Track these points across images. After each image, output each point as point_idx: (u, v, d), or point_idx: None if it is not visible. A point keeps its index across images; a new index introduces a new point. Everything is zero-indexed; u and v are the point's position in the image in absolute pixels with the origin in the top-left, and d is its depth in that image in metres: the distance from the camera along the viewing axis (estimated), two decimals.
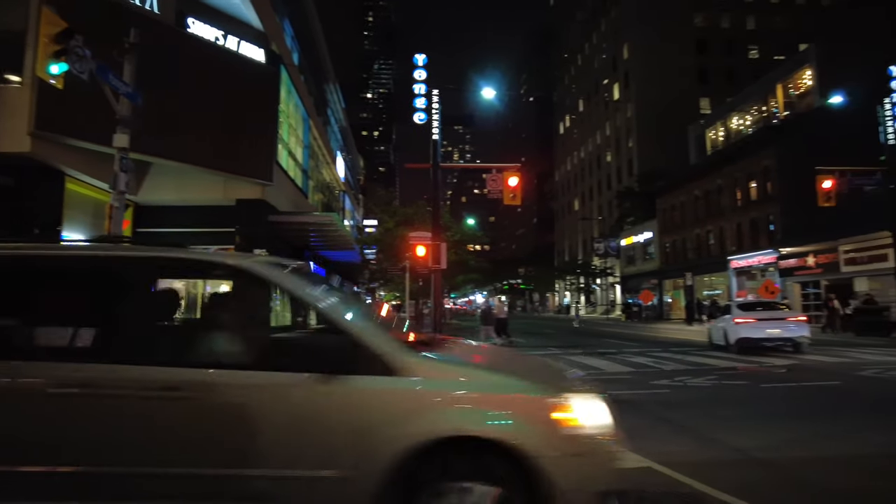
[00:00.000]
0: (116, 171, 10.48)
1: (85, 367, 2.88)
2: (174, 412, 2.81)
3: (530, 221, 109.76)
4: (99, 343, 3.03)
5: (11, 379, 2.85)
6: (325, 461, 2.74)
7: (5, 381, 2.85)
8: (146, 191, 20.31)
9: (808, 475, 4.80)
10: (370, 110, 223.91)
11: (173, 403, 2.80)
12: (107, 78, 9.87)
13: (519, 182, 18.99)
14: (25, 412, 2.81)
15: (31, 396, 2.82)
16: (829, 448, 5.69)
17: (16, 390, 2.84)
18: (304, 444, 2.77)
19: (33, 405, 2.81)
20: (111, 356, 2.92)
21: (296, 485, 2.75)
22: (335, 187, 43.18)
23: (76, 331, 3.12)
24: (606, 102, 66.18)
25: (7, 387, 2.84)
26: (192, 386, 2.82)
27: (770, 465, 5.06)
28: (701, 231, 41.62)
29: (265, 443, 2.77)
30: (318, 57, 37.63)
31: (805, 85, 39.78)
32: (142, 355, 2.95)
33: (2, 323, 3.10)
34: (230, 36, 20.52)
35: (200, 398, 2.81)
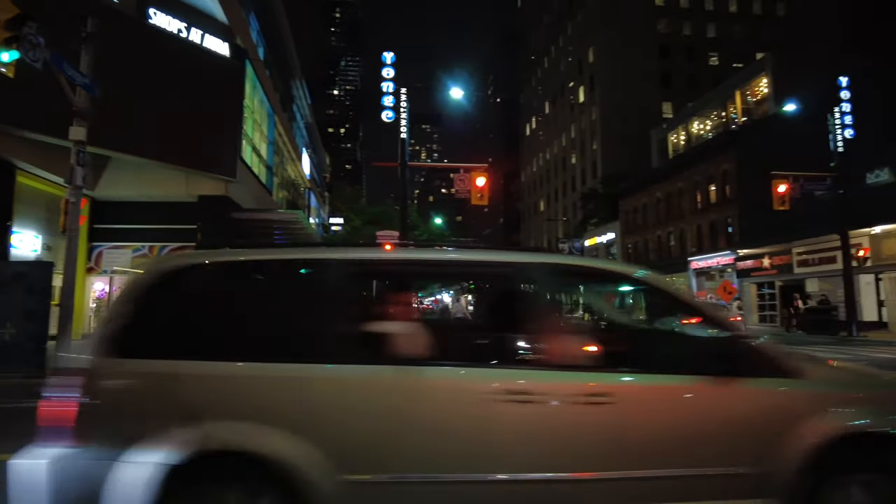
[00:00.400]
0: (73, 165, 10.13)
1: (521, 372, 2.92)
2: (595, 417, 2.82)
3: (497, 221, 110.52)
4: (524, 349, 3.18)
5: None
6: (727, 459, 2.84)
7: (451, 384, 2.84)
8: (104, 186, 19.68)
9: None
10: (337, 107, 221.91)
11: (595, 409, 2.81)
12: (62, 67, 9.51)
13: (486, 182, 19.12)
14: (473, 420, 2.77)
15: (478, 402, 2.78)
16: None
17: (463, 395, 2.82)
18: (707, 444, 2.86)
19: (482, 412, 2.77)
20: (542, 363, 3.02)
21: (699, 482, 2.84)
22: (300, 184, 42.62)
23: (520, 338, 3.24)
24: (572, 105, 67.11)
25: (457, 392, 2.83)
26: (613, 391, 2.86)
27: None
28: (662, 232, 42.62)
29: (673, 444, 2.85)
30: (285, 52, 37.08)
31: (762, 92, 41.18)
32: (567, 362, 3.01)
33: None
34: (194, 28, 20.04)
35: (620, 402, 2.85)
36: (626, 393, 2.91)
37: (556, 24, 73.53)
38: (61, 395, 2.68)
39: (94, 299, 21.25)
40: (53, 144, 15.18)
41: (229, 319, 3.00)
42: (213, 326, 2.97)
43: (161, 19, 19.18)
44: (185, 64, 19.27)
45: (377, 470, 2.66)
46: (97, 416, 2.65)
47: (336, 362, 2.78)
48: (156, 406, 2.71)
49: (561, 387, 2.82)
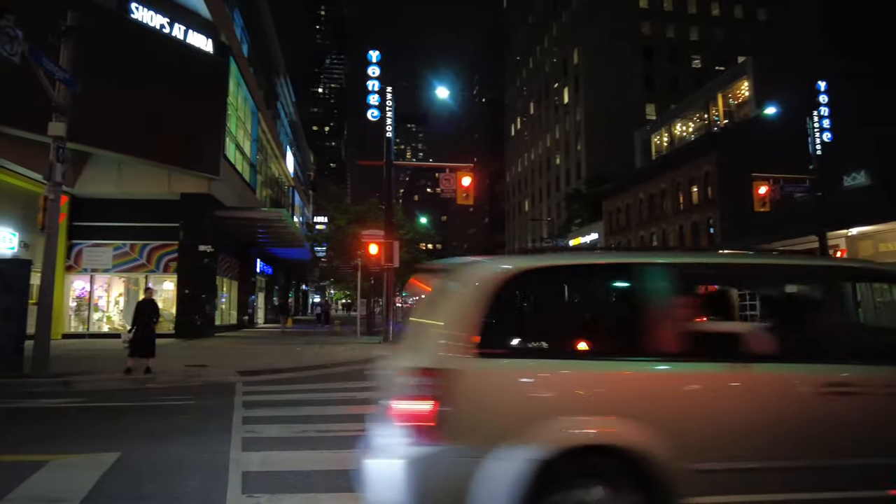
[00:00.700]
0: (52, 161, 9.94)
1: (842, 367, 3.10)
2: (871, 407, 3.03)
3: (482, 221, 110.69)
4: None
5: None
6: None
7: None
8: (84, 183, 19.40)
9: None
10: (321, 105, 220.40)
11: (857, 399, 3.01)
12: (40, 61, 9.34)
13: (472, 182, 19.11)
14: (794, 410, 2.95)
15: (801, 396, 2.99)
16: None
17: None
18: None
19: (808, 403, 2.97)
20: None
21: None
22: (284, 183, 42.32)
23: None
24: (556, 106, 67.43)
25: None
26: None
27: None
28: (645, 233, 43.01)
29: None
30: (269, 49, 36.78)
31: (743, 95, 41.75)
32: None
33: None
34: (177, 24, 19.80)
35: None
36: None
37: (541, 24, 73.81)
38: (419, 395, 2.71)
39: (74, 298, 20.91)
40: (32, 140, 14.90)
41: (577, 320, 3.21)
42: (562, 326, 3.15)
43: (143, 14, 18.91)
44: (168, 60, 19.04)
45: (721, 458, 2.82)
46: (457, 414, 2.69)
47: (677, 360, 2.96)
48: (516, 404, 2.78)
49: (877, 379, 3.07)
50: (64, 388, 9.44)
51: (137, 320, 10.72)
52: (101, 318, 21.30)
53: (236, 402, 8.19)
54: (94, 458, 5.09)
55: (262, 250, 33.29)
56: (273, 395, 8.92)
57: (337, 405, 8.08)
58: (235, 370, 11.34)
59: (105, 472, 4.65)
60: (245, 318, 29.98)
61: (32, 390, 9.21)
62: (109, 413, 7.69)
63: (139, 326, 10.60)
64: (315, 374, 11.76)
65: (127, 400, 8.60)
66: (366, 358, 14.25)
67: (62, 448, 5.51)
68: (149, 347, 10.56)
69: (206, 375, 10.93)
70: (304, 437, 6.02)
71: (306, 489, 4.31)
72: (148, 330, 10.61)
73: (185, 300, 20.30)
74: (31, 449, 5.51)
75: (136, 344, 10.49)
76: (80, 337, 19.89)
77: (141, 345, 10.49)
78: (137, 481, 4.54)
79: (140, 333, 10.54)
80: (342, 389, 9.54)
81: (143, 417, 7.32)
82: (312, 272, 54.55)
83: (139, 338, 10.50)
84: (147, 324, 10.64)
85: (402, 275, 30.32)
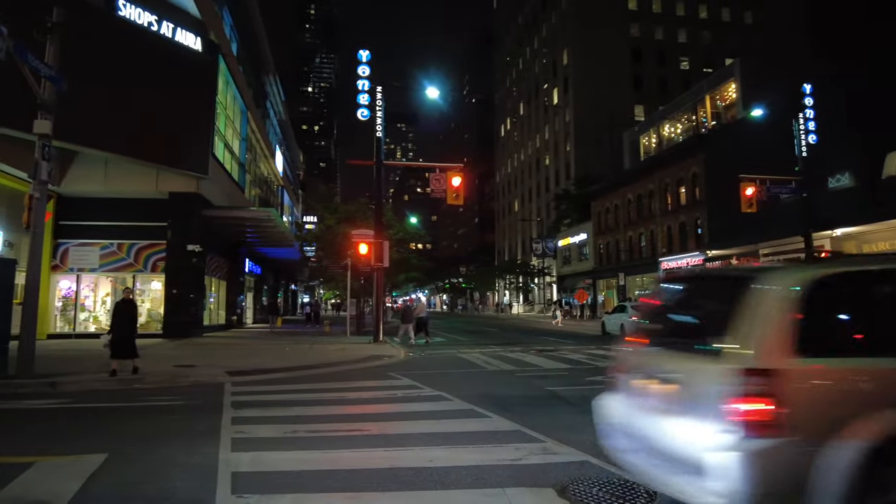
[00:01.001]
0: (38, 160, 9.83)
1: None
2: None
3: (472, 221, 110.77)
4: None
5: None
6: None
7: None
8: (70, 181, 19.19)
9: None
10: (310, 104, 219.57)
11: None
12: (25, 58, 9.24)
13: (462, 182, 19.15)
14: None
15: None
16: None
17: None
18: None
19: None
20: None
21: None
22: (273, 182, 42.11)
23: None
24: (546, 106, 67.67)
25: None
26: None
27: None
28: (633, 233, 43.28)
29: None
30: (258, 48, 36.57)
31: (730, 97, 42.12)
32: None
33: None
34: (165, 21, 19.64)
35: None
36: None
37: (530, 25, 74.03)
38: (755, 395, 2.97)
39: (59, 298, 20.68)
40: (16, 138, 14.72)
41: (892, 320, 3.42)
42: (881, 326, 3.35)
43: (130, 11, 18.74)
44: (156, 58, 18.88)
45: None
46: (791, 410, 2.95)
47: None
48: (846, 399, 3.03)
49: None
50: (50, 388, 9.34)
51: (115, 321, 10.62)
52: (88, 318, 21.08)
53: (225, 402, 8.15)
54: (81, 459, 5.05)
55: (251, 250, 33.10)
56: (263, 395, 8.89)
57: (327, 405, 8.07)
58: (224, 370, 11.28)
59: (92, 474, 4.61)
60: (234, 319, 29.80)
61: (17, 391, 9.10)
62: (96, 414, 7.62)
63: (118, 327, 10.48)
64: (305, 374, 11.72)
65: (114, 401, 8.53)
66: (356, 358, 14.24)
67: (49, 450, 5.46)
68: (129, 348, 10.43)
69: (195, 376, 10.86)
70: (294, 437, 6.01)
71: (296, 489, 4.30)
72: (127, 331, 10.48)
73: (174, 300, 20.13)
74: (17, 450, 5.45)
75: (117, 345, 10.37)
76: (66, 337, 19.66)
77: (121, 346, 10.37)
78: (125, 482, 4.51)
79: (119, 335, 10.41)
80: (332, 390, 9.53)
81: (130, 418, 7.26)
82: (302, 272, 54.30)
83: (118, 339, 10.37)
84: (126, 325, 10.51)
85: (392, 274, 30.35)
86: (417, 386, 9.72)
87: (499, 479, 4.51)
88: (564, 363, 13.40)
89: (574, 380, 10.50)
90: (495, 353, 15.78)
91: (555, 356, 15.05)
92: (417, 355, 15.74)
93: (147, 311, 20.86)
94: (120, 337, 10.38)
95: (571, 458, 5.11)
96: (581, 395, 8.68)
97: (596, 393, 9.18)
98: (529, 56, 74.52)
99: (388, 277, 24.49)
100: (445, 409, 7.59)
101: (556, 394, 8.94)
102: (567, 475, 4.59)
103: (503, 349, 17.29)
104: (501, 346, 18.39)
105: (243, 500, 4.04)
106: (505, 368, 12.41)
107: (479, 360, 14.19)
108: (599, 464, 4.88)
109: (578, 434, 5.93)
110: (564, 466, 4.87)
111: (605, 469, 4.75)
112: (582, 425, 6.55)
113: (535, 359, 14.36)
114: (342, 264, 25.50)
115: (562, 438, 5.78)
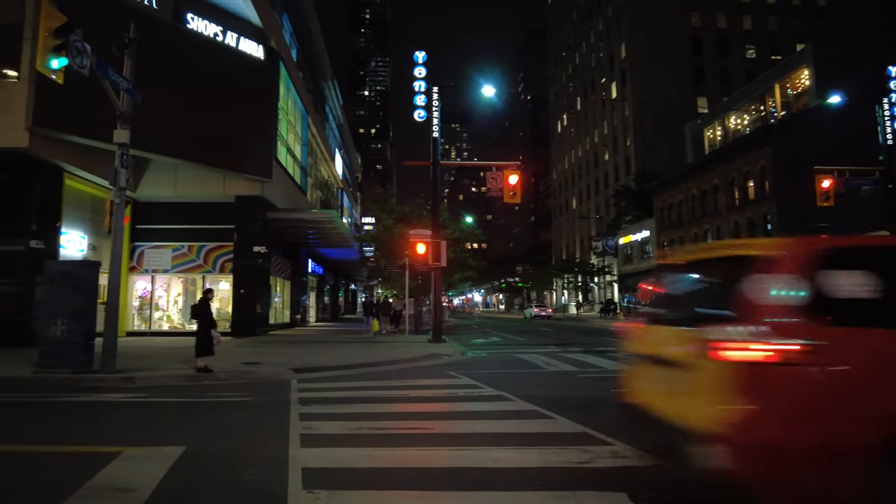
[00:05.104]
0: (117, 167, 10.39)
1: None
2: None
3: (527, 219, 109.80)
4: None
5: None
6: None
7: None
8: (144, 187, 20.24)
9: None
10: (367, 107, 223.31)
11: None
12: (106, 73, 9.79)
13: (518, 180, 18.97)
14: None
15: None
16: None
17: None
18: None
19: None
20: None
21: None
22: (333, 184, 43.07)
23: None
24: (604, 101, 66.23)
25: None
26: None
27: None
28: (698, 230, 41.72)
29: None
30: (316, 53, 37.49)
31: (802, 84, 39.91)
32: None
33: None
34: (229, 32, 20.43)
35: None
36: None
37: (585, 19, 72.65)
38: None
39: (136, 297, 21.88)
40: (95, 148, 15.67)
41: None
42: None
43: (198, 24, 19.60)
44: (221, 66, 19.68)
45: None
46: None
47: None
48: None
49: None
50: (128, 383, 9.86)
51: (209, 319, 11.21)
52: (162, 316, 22.21)
53: (292, 398, 8.36)
54: (161, 450, 5.28)
55: (312, 251, 34.00)
56: (327, 392, 9.07)
57: (389, 403, 8.15)
58: (289, 367, 11.60)
59: (172, 465, 4.81)
60: (297, 317, 30.70)
61: (100, 385, 9.67)
62: (172, 408, 7.98)
63: (199, 326, 11.04)
64: (366, 371, 11.89)
65: (186, 396, 8.91)
66: (415, 356, 14.36)
67: (132, 441, 5.75)
68: (205, 346, 10.93)
69: (261, 372, 11.22)
70: (359, 434, 6.08)
71: (364, 486, 4.35)
72: (204, 329, 11.01)
73: (240, 299, 20.91)
74: (105, 440, 5.78)
75: (198, 343, 10.92)
76: (142, 335, 20.79)
77: (200, 344, 10.91)
78: (202, 473, 4.69)
79: (198, 333, 10.97)
80: (394, 387, 9.62)
81: (203, 412, 7.56)
82: (360, 272, 55.33)
83: (200, 337, 10.92)
84: (203, 323, 11.05)
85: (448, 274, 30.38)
86: (478, 385, 9.68)
87: (567, 482, 4.41)
88: None
89: None
90: (554, 354, 15.54)
91: (618, 357, 14.65)
92: (476, 355, 15.72)
93: (216, 311, 21.76)
94: (199, 335, 10.94)
95: (643, 463, 4.93)
96: None
97: None
98: (585, 50, 73.14)
99: (444, 277, 24.54)
100: (507, 410, 7.51)
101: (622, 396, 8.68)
102: (639, 480, 4.44)
103: (561, 349, 17.01)
104: (559, 347, 18.09)
105: (313, 496, 4.11)
106: (565, 369, 12.19)
107: (538, 360, 14.01)
108: (674, 469, 4.69)
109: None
110: (636, 471, 4.71)
111: (680, 475, 4.56)
112: None
113: (596, 359, 14.05)
114: (399, 264, 25.79)
115: (631, 442, 5.59)
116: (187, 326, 22.16)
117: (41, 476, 4.64)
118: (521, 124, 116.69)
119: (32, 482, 4.48)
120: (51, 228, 16.32)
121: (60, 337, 10.19)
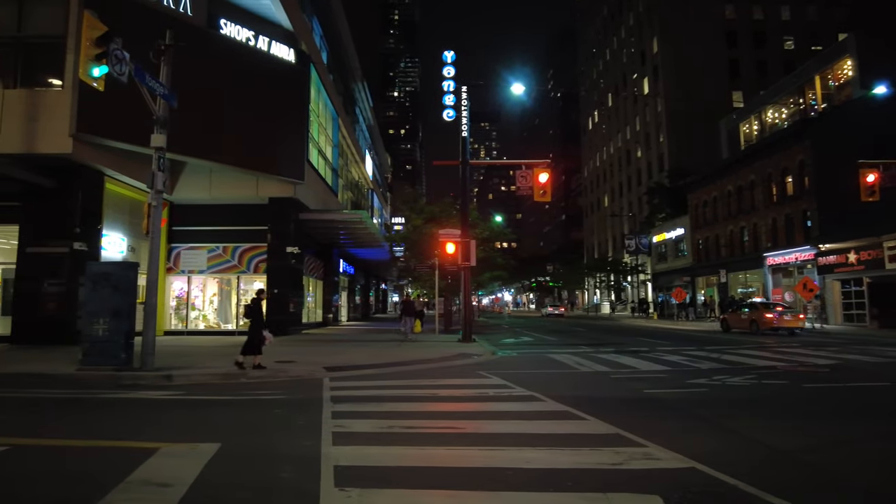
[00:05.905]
0: (154, 171, 10.67)
1: None
2: None
3: (557, 218, 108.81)
4: None
5: None
6: None
7: None
8: (180, 190, 20.75)
9: (852, 477, 4.64)
10: (396, 108, 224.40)
11: None
12: (143, 79, 10.06)
13: (549, 178, 18.80)
14: None
15: None
16: (875, 450, 5.50)
17: None
18: None
19: None
20: None
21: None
22: (364, 185, 43.44)
23: None
24: (635, 97, 65.13)
25: None
26: None
27: (814, 466, 4.91)
28: (734, 227, 40.67)
29: None
30: (346, 56, 37.84)
31: (845, 75, 38.48)
32: None
33: None
34: (261, 36, 20.78)
35: None
36: None
37: (616, 14, 71.58)
38: None
39: (173, 297, 22.45)
40: (133, 152, 16.14)
41: None
42: None
43: (230, 29, 19.99)
44: (254, 71, 20.03)
45: None
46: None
47: None
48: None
49: None
50: (166, 381, 10.12)
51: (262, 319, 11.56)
52: (198, 316, 22.73)
53: (324, 396, 8.46)
54: (197, 447, 5.41)
55: (344, 251, 34.34)
56: (358, 390, 9.15)
57: (420, 402, 8.18)
58: (321, 366, 11.74)
59: (208, 462, 4.92)
60: (329, 316, 31.06)
61: (140, 382, 9.95)
62: (208, 405, 8.16)
63: (251, 326, 11.40)
64: (397, 370, 11.96)
65: (222, 393, 9.09)
66: (445, 355, 14.37)
67: (170, 437, 5.90)
68: (255, 345, 11.24)
69: (295, 371, 11.38)
70: (391, 432, 6.12)
71: (396, 485, 4.36)
72: (256, 329, 11.32)
73: (274, 299, 21.25)
74: (144, 437, 5.94)
75: (249, 341, 11.31)
76: (179, 334, 21.33)
77: (251, 342, 11.28)
78: (237, 470, 4.78)
79: (250, 332, 11.37)
80: (425, 386, 9.64)
81: (238, 410, 7.71)
82: (390, 271, 55.67)
83: (251, 336, 11.31)
84: (255, 323, 11.36)
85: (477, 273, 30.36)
86: (508, 385, 9.63)
87: (600, 483, 4.35)
88: (662, 365, 12.80)
89: (674, 383, 9.99)
90: (586, 354, 15.36)
91: (651, 357, 14.42)
92: (507, 355, 15.65)
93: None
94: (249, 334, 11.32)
95: (677, 465, 4.83)
96: (682, 399, 8.25)
97: (698, 396, 8.73)
98: (616, 46, 72.04)
99: (474, 276, 24.54)
100: (539, 410, 7.46)
101: (655, 397, 8.54)
102: (674, 482, 4.35)
103: (593, 350, 16.80)
104: (591, 347, 17.88)
105: (345, 494, 4.15)
106: (598, 370, 12.03)
107: (570, 360, 13.86)
108: (709, 471, 4.59)
109: (682, 439, 5.63)
110: (670, 473, 4.62)
111: (715, 477, 4.46)
112: (686, 430, 6.23)
113: (629, 360, 13.83)
114: (429, 264, 25.85)
115: (665, 444, 5.49)
116: (222, 326, 22.64)
117: (87, 469, 4.80)
118: (550, 122, 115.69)
119: (79, 475, 4.65)
120: (93, 231, 16.88)
121: (102, 335, 10.54)
